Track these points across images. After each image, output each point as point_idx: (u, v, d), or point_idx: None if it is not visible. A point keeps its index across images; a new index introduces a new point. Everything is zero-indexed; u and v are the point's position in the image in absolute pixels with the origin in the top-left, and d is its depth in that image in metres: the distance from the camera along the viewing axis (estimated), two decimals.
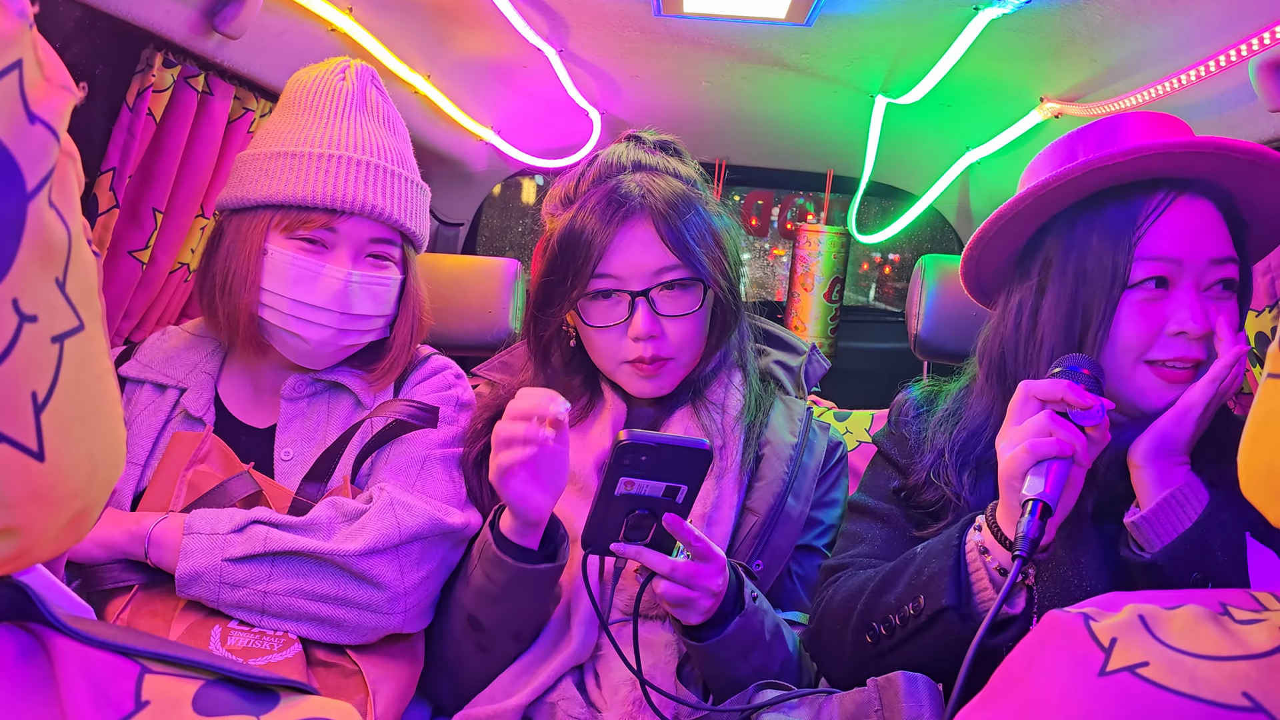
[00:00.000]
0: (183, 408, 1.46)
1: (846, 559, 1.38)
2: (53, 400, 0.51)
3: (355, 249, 1.43)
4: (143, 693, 0.54)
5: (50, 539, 0.54)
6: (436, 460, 1.47)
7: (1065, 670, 0.63)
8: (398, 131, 1.52)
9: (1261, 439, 0.63)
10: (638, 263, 1.42)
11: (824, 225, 3.26)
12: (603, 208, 1.43)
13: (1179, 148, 1.17)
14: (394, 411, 1.46)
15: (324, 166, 1.39)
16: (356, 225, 1.42)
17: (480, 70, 2.41)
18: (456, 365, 1.64)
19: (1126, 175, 1.23)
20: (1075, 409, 1.11)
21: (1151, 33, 1.63)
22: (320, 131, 1.42)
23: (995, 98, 2.27)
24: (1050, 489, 1.06)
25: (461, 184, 3.21)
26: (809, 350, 1.71)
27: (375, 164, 1.43)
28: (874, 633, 1.23)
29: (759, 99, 2.63)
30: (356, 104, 1.45)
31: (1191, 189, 1.22)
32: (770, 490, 1.49)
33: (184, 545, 1.29)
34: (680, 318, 1.45)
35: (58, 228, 0.52)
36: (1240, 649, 0.60)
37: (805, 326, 3.25)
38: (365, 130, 1.45)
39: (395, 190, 1.44)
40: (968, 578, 1.17)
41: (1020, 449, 1.09)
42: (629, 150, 1.51)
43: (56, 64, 0.54)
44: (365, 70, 1.50)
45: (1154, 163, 1.20)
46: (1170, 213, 1.22)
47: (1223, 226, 1.22)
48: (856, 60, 2.15)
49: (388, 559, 1.32)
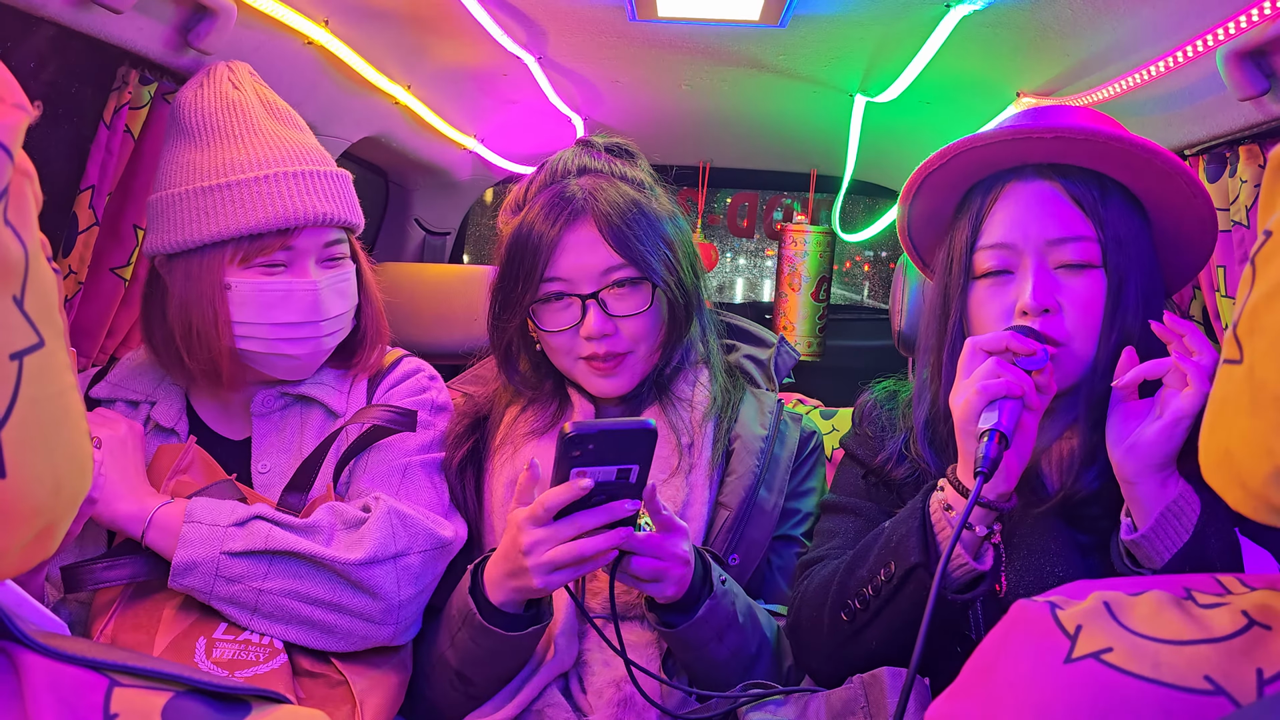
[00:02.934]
0: (154, 420, 1.46)
1: (821, 553, 1.40)
2: (12, 417, 0.52)
3: (315, 258, 1.43)
4: (111, 705, 0.55)
5: (14, 556, 0.55)
6: (418, 466, 1.48)
7: (1031, 658, 0.64)
8: (300, 125, 1.50)
9: (1218, 425, 0.64)
10: (584, 264, 1.44)
11: (809, 225, 3.27)
12: (547, 211, 1.45)
13: (993, 136, 1.24)
14: (371, 417, 1.46)
15: (265, 189, 1.37)
16: (310, 236, 1.42)
17: (460, 79, 2.41)
18: (430, 366, 1.65)
19: (988, 165, 1.30)
20: (1021, 355, 1.15)
21: (1122, 25, 1.64)
22: (242, 154, 1.39)
23: (972, 94, 2.28)
24: (1005, 422, 1.11)
25: (447, 193, 3.22)
26: (777, 342, 1.73)
27: (308, 171, 1.42)
28: (849, 609, 1.24)
29: (739, 101, 2.64)
30: (260, 112, 1.44)
31: (1028, 173, 1.27)
32: (741, 484, 1.50)
33: (183, 533, 1.28)
34: (632, 317, 1.47)
35: (13, 246, 0.52)
36: (1202, 633, 0.61)
37: (793, 326, 3.27)
38: (280, 138, 1.43)
39: (331, 190, 1.44)
40: (934, 535, 1.19)
41: (971, 392, 1.14)
42: (575, 155, 1.53)
43: (10, 83, 0.54)
44: (243, 69, 1.48)
45: (986, 153, 1.27)
46: (1003, 199, 1.28)
47: (1067, 206, 1.24)
48: (833, 60, 2.16)
49: (385, 570, 1.33)
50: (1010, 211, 1.26)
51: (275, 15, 1.61)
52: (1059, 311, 1.22)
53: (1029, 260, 1.24)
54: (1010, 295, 1.25)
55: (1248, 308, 0.61)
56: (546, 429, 1.55)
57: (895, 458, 1.40)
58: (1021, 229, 1.24)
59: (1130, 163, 1.22)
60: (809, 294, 3.25)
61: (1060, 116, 1.28)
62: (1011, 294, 1.25)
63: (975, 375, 1.16)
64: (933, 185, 1.35)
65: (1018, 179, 1.27)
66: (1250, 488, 0.60)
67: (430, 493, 1.47)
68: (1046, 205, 1.24)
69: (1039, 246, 1.23)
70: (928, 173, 1.32)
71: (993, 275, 1.27)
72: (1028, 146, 1.25)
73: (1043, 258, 1.23)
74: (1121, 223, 1.24)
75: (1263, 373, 0.58)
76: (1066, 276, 1.23)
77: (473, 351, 1.82)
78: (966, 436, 1.16)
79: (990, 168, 1.30)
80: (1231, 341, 0.63)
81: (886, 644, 1.22)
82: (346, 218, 1.46)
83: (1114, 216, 1.23)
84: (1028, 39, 1.84)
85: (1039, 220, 1.24)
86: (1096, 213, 1.23)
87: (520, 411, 1.58)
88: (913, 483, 1.38)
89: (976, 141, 1.26)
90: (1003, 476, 1.15)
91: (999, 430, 1.11)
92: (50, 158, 1.52)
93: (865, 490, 1.45)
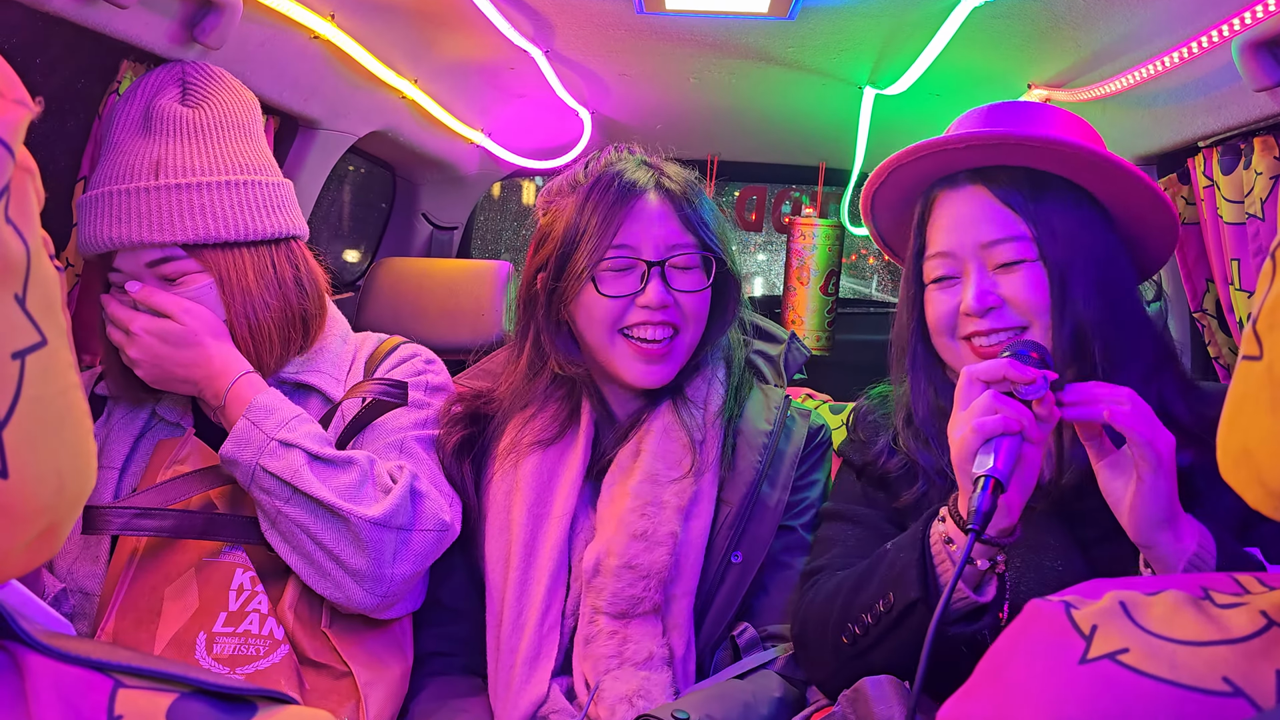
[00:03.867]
0: (159, 415, 1.46)
1: (822, 563, 1.39)
2: (14, 417, 0.51)
3: (145, 279, 1.41)
4: (115, 707, 0.54)
5: (18, 555, 0.54)
6: (414, 441, 1.49)
7: (1046, 658, 0.63)
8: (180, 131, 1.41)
9: (1237, 422, 0.63)
10: (653, 235, 1.48)
11: (817, 218, 3.25)
12: (618, 185, 1.49)
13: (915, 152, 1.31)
14: (364, 391, 1.48)
15: (83, 216, 1.41)
16: (126, 259, 1.40)
17: (467, 73, 2.40)
18: (428, 351, 1.65)
19: (925, 176, 1.37)
20: (1020, 385, 1.13)
21: (1135, 15, 1.62)
22: (96, 172, 1.42)
23: (983, 86, 2.26)
24: (1001, 465, 1.08)
25: (454, 188, 3.21)
26: (789, 338, 1.73)
27: (118, 190, 1.37)
28: (850, 634, 1.24)
29: (748, 94, 2.62)
30: (130, 123, 1.41)
31: (960, 180, 1.32)
32: (743, 480, 1.50)
33: (237, 426, 1.36)
34: (691, 293, 1.50)
35: (15, 244, 0.51)
36: (1220, 634, 0.60)
37: (802, 320, 3.25)
38: (121, 151, 1.40)
39: (139, 210, 1.37)
40: (933, 569, 1.18)
41: (967, 429, 1.12)
42: (628, 152, 1.59)
43: (12, 79, 0.54)
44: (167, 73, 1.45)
45: (916, 168, 1.34)
46: (938, 209, 1.35)
47: (997, 208, 1.29)
48: (842, 52, 2.15)
49: (389, 537, 1.34)
50: (946, 220, 1.33)
51: (280, 9, 1.60)
52: (1002, 306, 1.27)
53: (970, 264, 1.29)
54: (957, 298, 1.31)
55: (1268, 303, 0.60)
56: (553, 440, 1.54)
57: (886, 452, 1.42)
58: (957, 236, 1.31)
59: (1060, 158, 1.27)
60: (818, 287, 3.23)
61: (978, 122, 1.34)
62: (958, 296, 1.31)
63: (971, 410, 1.13)
64: (885, 199, 1.44)
65: (949, 186, 1.34)
66: (1270, 486, 0.59)
67: (428, 463, 1.49)
68: (976, 210, 1.30)
69: (975, 250, 1.29)
70: (873, 191, 1.42)
71: (941, 280, 1.33)
72: (953, 156, 1.31)
73: (981, 260, 1.29)
74: (1057, 216, 1.27)
75: None
76: (1005, 274, 1.28)
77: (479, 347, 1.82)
78: (964, 475, 1.13)
79: (928, 179, 1.37)
80: (1251, 337, 0.62)
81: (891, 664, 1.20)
82: (140, 238, 1.36)
83: (1048, 211, 1.27)
84: (1039, 30, 1.82)
85: (972, 225, 1.30)
86: (1027, 210, 1.27)
87: (529, 419, 1.57)
88: (905, 476, 1.39)
89: (903, 159, 1.34)
90: (1004, 513, 1.13)
91: (993, 477, 1.07)
92: (54, 154, 1.52)
93: (863, 496, 1.45)
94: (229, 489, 1.41)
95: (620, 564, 1.41)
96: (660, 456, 1.48)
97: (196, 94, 1.44)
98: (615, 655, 1.40)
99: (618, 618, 1.41)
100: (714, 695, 1.34)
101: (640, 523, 1.43)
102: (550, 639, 1.44)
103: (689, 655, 1.45)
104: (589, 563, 1.43)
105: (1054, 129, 1.30)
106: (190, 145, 1.40)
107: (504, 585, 1.47)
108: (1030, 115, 1.33)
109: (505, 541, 1.50)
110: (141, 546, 1.37)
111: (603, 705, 1.38)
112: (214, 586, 1.36)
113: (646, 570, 1.41)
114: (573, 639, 1.45)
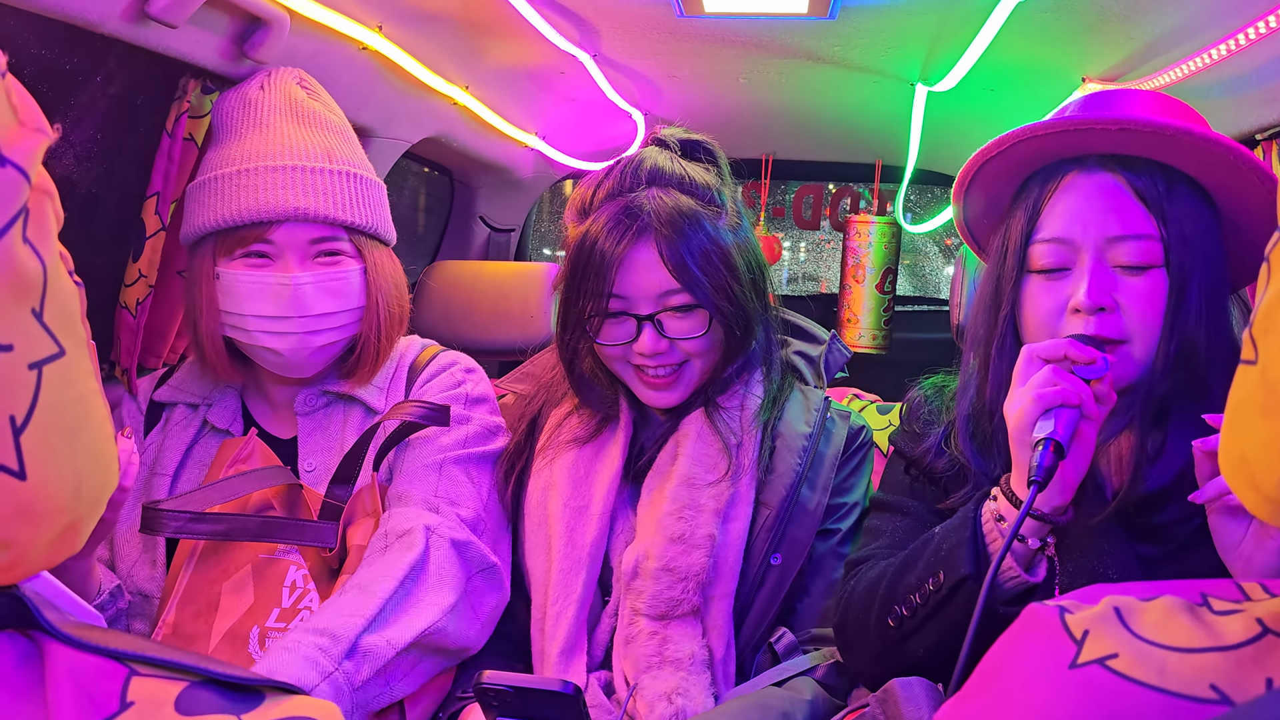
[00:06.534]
0: (210, 423, 1.52)
1: (868, 552, 1.38)
2: (32, 423, 0.55)
3: (299, 253, 1.45)
4: (128, 694, 0.58)
5: (40, 552, 0.58)
6: (452, 463, 1.50)
7: (1037, 663, 0.63)
8: (327, 126, 1.52)
9: (1235, 428, 0.62)
10: (644, 284, 1.43)
11: (874, 216, 3.23)
12: (612, 226, 1.43)
13: (1054, 126, 1.18)
14: (404, 413, 1.48)
15: (244, 183, 1.42)
16: (291, 231, 1.44)
17: (518, 78, 2.44)
18: (469, 359, 1.66)
19: (1048, 154, 1.24)
20: (1080, 364, 1.11)
21: (1186, 6, 1.58)
22: (240, 149, 1.45)
23: (1037, 80, 2.22)
24: (1061, 431, 1.07)
25: (510, 190, 3.26)
26: (829, 339, 1.71)
27: (296, 166, 1.44)
28: (896, 615, 1.22)
29: (799, 93, 2.61)
30: (275, 109, 1.47)
31: (1090, 164, 1.21)
32: (782, 482, 1.49)
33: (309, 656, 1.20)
34: (690, 339, 1.46)
35: (32, 262, 0.55)
36: (1212, 640, 0.59)
37: (858, 319, 3.23)
38: (284, 134, 1.46)
39: (321, 187, 1.45)
40: (985, 546, 1.16)
41: (1027, 400, 1.10)
42: (648, 158, 1.49)
43: (31, 107, 0.58)
44: (286, 73, 1.52)
45: (1045, 143, 1.21)
46: (1062, 191, 1.22)
47: (1130, 201, 1.18)
48: (889, 49, 2.13)
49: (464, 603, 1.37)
50: (1070, 204, 1.21)
51: (328, 23, 1.65)
52: (1116, 310, 1.17)
53: (1087, 257, 1.18)
54: (1065, 292, 1.20)
55: (1263, 307, 0.59)
56: (590, 437, 1.56)
57: (934, 450, 1.37)
58: (1081, 224, 1.19)
59: (1200, 156, 1.17)
60: (874, 286, 3.20)
61: (1126, 106, 1.22)
62: (1066, 291, 1.20)
63: (1031, 383, 1.12)
64: (991, 174, 1.31)
65: (1079, 169, 1.21)
66: (1265, 491, 0.59)
67: (467, 488, 1.49)
68: (1108, 199, 1.18)
69: (1098, 243, 1.18)
70: (983, 161, 1.28)
71: (1048, 271, 1.22)
72: (1090, 137, 1.19)
73: (1101, 255, 1.18)
74: (1187, 219, 1.17)
75: (1275, 374, 0.57)
76: (1126, 275, 1.18)
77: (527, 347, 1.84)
78: (1021, 446, 1.12)
79: (1050, 157, 1.25)
80: (1248, 342, 0.61)
81: (933, 652, 1.19)
82: (328, 213, 1.45)
83: (1179, 213, 1.17)
84: (1089, 23, 1.79)
85: (1100, 215, 1.18)
86: (1160, 209, 1.17)
87: (566, 415, 1.60)
88: (954, 477, 1.35)
89: (1036, 130, 1.21)
90: (1058, 488, 1.12)
91: (1054, 439, 1.07)
92: (120, 167, 1.59)
93: (911, 488, 1.42)
94: (285, 489, 1.46)
95: (658, 566, 1.42)
96: (696, 460, 1.49)
97: (323, 99, 1.56)
98: (656, 655, 1.41)
99: (657, 619, 1.43)
100: (750, 704, 1.34)
101: (677, 526, 1.44)
102: (584, 632, 1.46)
103: (729, 657, 1.46)
104: (628, 565, 1.45)
105: (1194, 122, 1.20)
106: (349, 143, 1.53)
107: (546, 579, 1.49)
108: (1158, 105, 1.24)
109: (544, 536, 1.52)
110: (202, 543, 1.43)
111: (641, 701, 1.39)
112: (269, 583, 1.40)
113: (684, 573, 1.42)
114: (613, 638, 1.47)
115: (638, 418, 1.59)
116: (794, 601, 1.52)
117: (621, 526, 1.52)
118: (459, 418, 1.54)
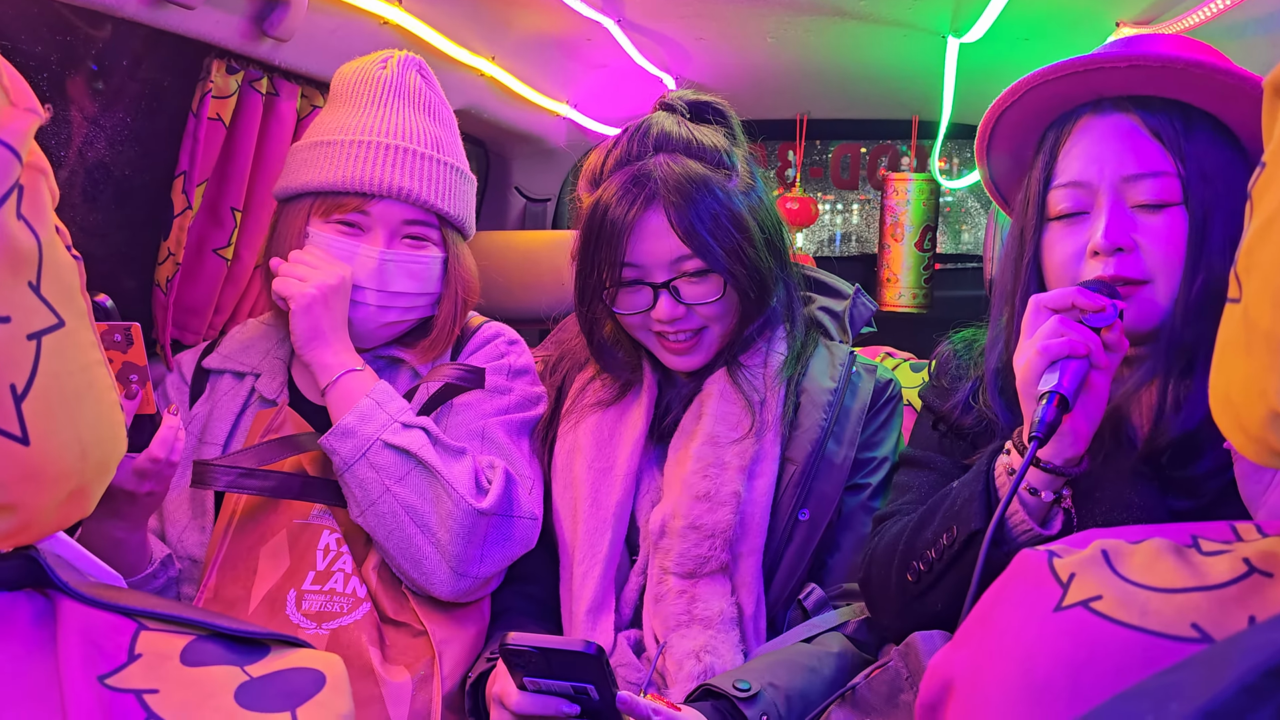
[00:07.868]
0: (258, 392, 1.56)
1: (895, 508, 1.38)
2: (33, 390, 0.58)
3: (390, 230, 1.50)
4: (136, 647, 0.61)
5: (48, 515, 0.61)
6: (497, 427, 1.53)
7: (1023, 607, 0.63)
8: (439, 118, 1.56)
9: (1221, 367, 0.61)
10: (657, 252, 1.43)
11: (912, 173, 3.18)
12: (621, 195, 1.43)
13: (1064, 68, 1.16)
14: (442, 375, 1.53)
15: (355, 153, 1.46)
16: (388, 208, 1.48)
17: (546, 47, 2.44)
18: (511, 331, 1.69)
19: (1064, 99, 1.22)
20: (1088, 312, 1.10)
21: None
22: (355, 120, 1.49)
23: (1070, 27, 2.17)
24: (1066, 383, 1.06)
25: (544, 160, 3.27)
26: (853, 293, 1.70)
27: (406, 148, 1.48)
28: (914, 570, 1.23)
29: (829, 50, 2.58)
30: (395, 91, 1.51)
31: (1105, 106, 1.19)
32: (808, 438, 1.49)
33: (360, 403, 1.41)
34: (707, 304, 1.46)
35: (25, 237, 0.58)
36: (1196, 580, 0.59)
37: (897, 278, 3.19)
38: (400, 116, 1.50)
39: (427, 173, 1.50)
40: (997, 500, 1.16)
41: (1032, 352, 1.09)
42: (655, 124, 1.48)
43: (22, 88, 0.60)
44: (409, 60, 1.55)
45: (1058, 87, 1.19)
46: (1076, 135, 1.20)
47: (1146, 140, 1.15)
48: (917, 1, 2.09)
49: (493, 525, 1.40)
50: (1084, 147, 1.19)
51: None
52: (1135, 250, 1.15)
53: (1104, 198, 1.17)
54: (1084, 236, 1.18)
55: (1245, 244, 0.58)
56: (613, 400, 1.58)
57: (962, 406, 1.36)
58: (1096, 165, 1.18)
59: (1218, 90, 1.14)
60: (913, 244, 3.16)
61: (1140, 45, 1.19)
62: (1085, 234, 1.18)
63: (1038, 335, 1.11)
64: (1011, 127, 1.29)
65: (1093, 113, 1.20)
66: (1250, 431, 0.58)
67: (512, 452, 1.52)
68: (1123, 139, 1.17)
69: (1114, 184, 1.16)
70: (999, 113, 1.27)
71: (1067, 216, 1.21)
72: (1103, 78, 1.17)
73: (1119, 195, 1.16)
74: (1207, 156, 1.15)
75: (1255, 311, 0.56)
76: (1144, 215, 1.16)
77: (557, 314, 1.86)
78: (1028, 399, 1.11)
79: (1067, 103, 1.22)
80: (1233, 280, 0.60)
81: (951, 606, 1.19)
82: (430, 201, 1.50)
83: (1198, 150, 1.15)
84: None
85: (1115, 156, 1.17)
86: (1178, 146, 1.15)
87: (590, 380, 1.62)
88: (981, 432, 1.34)
89: (1047, 75, 1.19)
90: (1069, 440, 1.10)
91: (1058, 393, 1.06)
92: (150, 149, 1.63)
93: (939, 443, 1.41)
94: (319, 455, 1.50)
95: (685, 524, 1.44)
96: (720, 419, 1.50)
97: (438, 92, 1.60)
98: (685, 613, 1.43)
99: (686, 577, 1.44)
100: (778, 661, 1.35)
101: (703, 484, 1.45)
102: (612, 591, 1.48)
103: (759, 613, 1.47)
104: (655, 524, 1.46)
105: (1216, 57, 1.17)
106: (454, 136, 1.59)
107: (573, 540, 1.52)
108: (1177, 43, 1.20)
109: (571, 498, 1.55)
110: (239, 511, 1.47)
111: (670, 659, 1.41)
112: (304, 547, 1.45)
113: (711, 530, 1.44)
114: (642, 596, 1.49)
115: (662, 379, 1.60)
116: (824, 556, 1.53)
117: (648, 487, 1.54)
118: (501, 387, 1.57)
